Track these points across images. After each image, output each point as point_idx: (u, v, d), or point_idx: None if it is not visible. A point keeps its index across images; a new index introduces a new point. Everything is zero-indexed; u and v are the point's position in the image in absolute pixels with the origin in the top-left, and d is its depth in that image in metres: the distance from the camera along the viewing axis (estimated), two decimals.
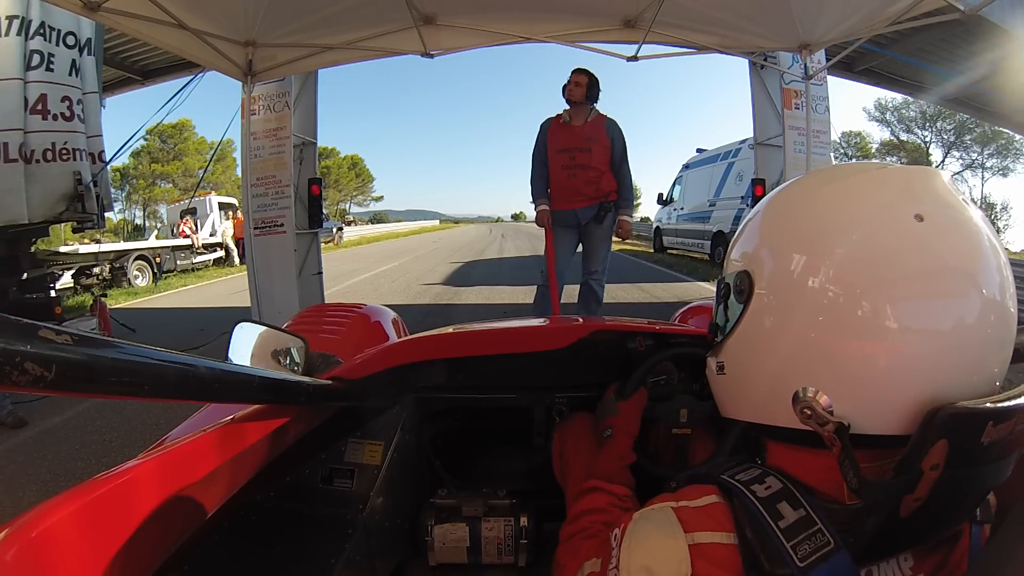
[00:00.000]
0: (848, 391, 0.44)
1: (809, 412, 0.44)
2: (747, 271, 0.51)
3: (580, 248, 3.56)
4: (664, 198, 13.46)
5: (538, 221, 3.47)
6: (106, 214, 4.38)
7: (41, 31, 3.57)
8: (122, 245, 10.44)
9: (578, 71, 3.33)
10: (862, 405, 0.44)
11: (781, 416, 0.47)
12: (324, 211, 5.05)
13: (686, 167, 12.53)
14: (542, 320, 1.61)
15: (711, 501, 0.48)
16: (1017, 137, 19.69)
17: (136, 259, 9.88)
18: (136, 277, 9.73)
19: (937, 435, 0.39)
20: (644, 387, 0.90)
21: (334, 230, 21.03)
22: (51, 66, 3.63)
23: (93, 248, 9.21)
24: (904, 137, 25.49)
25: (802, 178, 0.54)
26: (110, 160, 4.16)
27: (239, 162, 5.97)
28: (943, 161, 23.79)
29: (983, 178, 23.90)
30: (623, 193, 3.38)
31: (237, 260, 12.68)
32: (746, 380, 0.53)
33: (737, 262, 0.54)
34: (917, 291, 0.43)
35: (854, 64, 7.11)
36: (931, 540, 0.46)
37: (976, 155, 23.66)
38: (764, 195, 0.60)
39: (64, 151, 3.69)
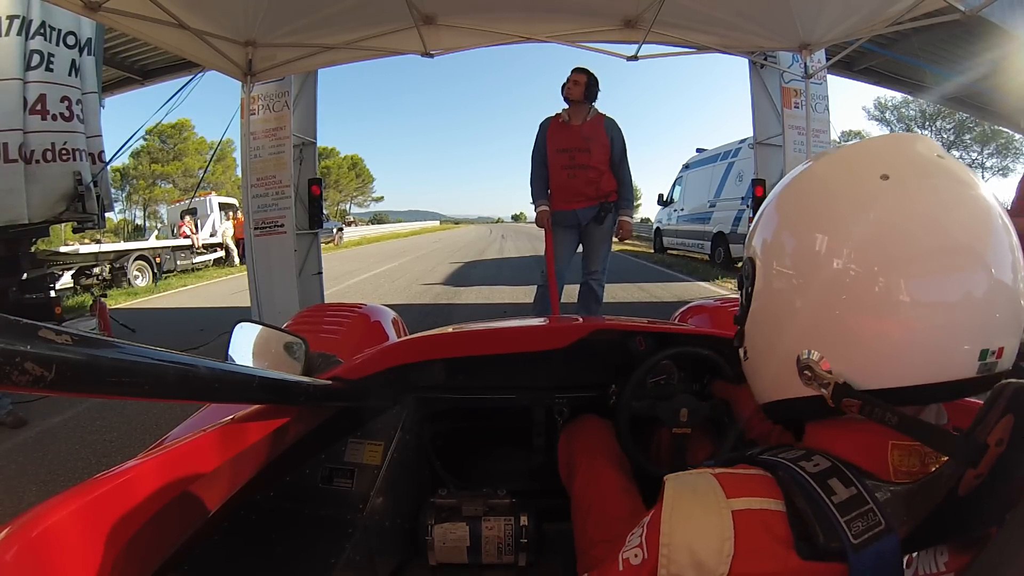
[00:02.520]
0: (849, 353, 0.45)
1: (809, 374, 0.45)
2: (750, 257, 0.54)
3: (580, 248, 3.55)
4: (664, 199, 13.42)
5: (538, 222, 3.46)
6: (106, 214, 4.38)
7: (41, 31, 3.56)
8: (122, 245, 10.42)
9: (577, 70, 3.32)
10: (861, 365, 0.45)
11: (795, 386, 0.48)
12: (324, 211, 5.05)
13: (686, 167, 12.50)
14: (542, 320, 1.61)
15: (755, 472, 0.47)
16: (1017, 137, 19.67)
17: (136, 259, 9.87)
18: (136, 277, 9.72)
19: (1005, 409, 0.38)
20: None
21: (334, 230, 21.00)
22: (51, 66, 3.62)
23: (93, 248, 9.20)
24: None
25: (804, 165, 0.56)
26: (110, 160, 4.16)
27: (239, 162, 5.97)
28: None
29: (983, 178, 23.83)
30: (623, 193, 3.37)
31: (237, 260, 12.68)
32: (764, 356, 0.55)
33: (747, 249, 0.57)
34: (923, 251, 0.44)
35: (854, 63, 7.10)
36: (974, 531, 0.46)
37: (976, 154, 23.66)
38: (764, 195, 0.62)
39: (64, 151, 3.69)
